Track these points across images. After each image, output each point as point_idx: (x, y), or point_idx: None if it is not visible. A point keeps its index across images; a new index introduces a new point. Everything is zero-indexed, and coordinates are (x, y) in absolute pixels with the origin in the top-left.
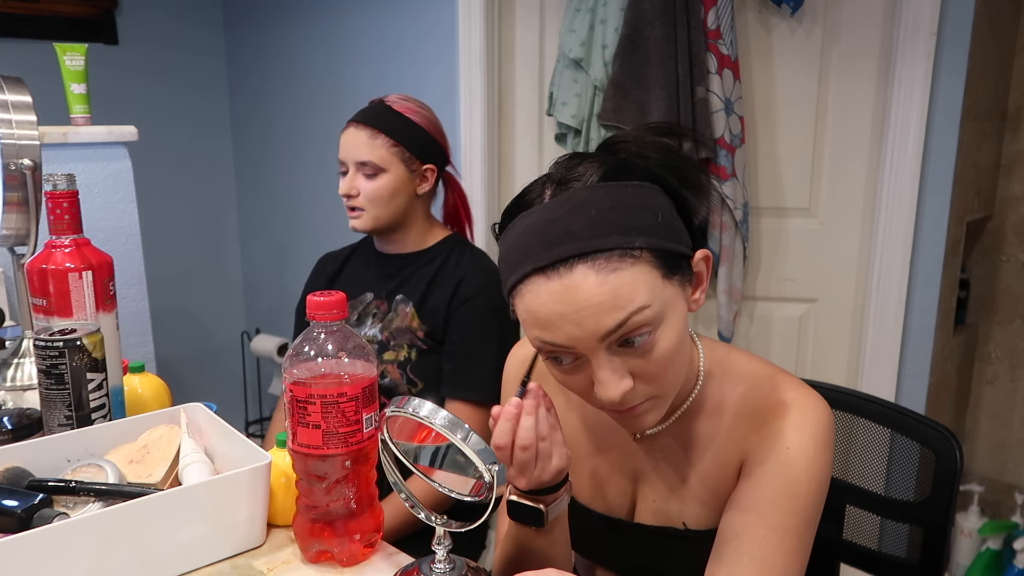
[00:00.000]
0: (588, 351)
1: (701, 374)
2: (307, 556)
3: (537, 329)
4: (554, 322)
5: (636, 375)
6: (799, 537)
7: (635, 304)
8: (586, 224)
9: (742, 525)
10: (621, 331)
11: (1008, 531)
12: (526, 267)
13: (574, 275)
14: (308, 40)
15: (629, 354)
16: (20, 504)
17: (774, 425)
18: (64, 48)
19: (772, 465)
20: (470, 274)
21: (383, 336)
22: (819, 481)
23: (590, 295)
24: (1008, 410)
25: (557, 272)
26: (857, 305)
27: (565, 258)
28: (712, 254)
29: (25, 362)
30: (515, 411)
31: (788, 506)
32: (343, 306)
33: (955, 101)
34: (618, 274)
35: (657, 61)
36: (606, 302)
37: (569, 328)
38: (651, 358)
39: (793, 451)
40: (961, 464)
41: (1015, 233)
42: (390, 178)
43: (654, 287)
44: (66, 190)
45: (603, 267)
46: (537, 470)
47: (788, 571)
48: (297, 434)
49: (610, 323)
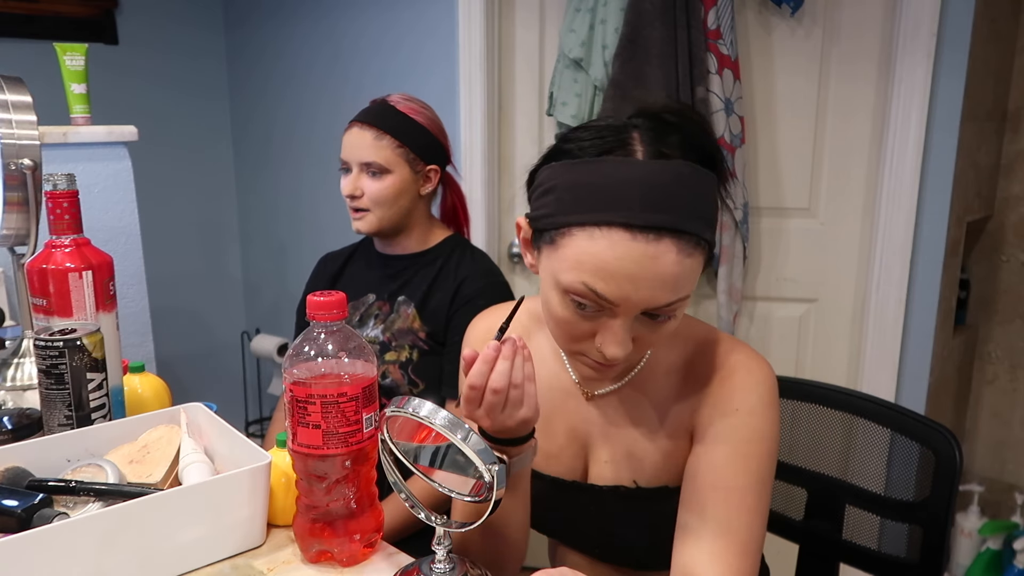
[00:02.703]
0: (623, 312)
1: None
2: (307, 556)
3: (592, 276)
4: (618, 279)
5: (635, 340)
6: (757, 494)
7: (686, 292)
8: (685, 202)
9: (702, 490)
10: (663, 309)
11: (1008, 531)
12: (616, 216)
13: (660, 246)
14: (308, 40)
15: (643, 324)
16: (20, 504)
17: (722, 389)
18: (64, 48)
19: (724, 429)
20: (471, 275)
21: (385, 337)
22: (770, 439)
23: (664, 269)
24: (1008, 410)
25: (646, 236)
26: (857, 305)
27: (660, 227)
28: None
29: (25, 362)
30: (493, 354)
31: (743, 466)
32: (343, 306)
33: (955, 101)
34: (691, 260)
35: (657, 61)
36: (670, 282)
37: (628, 289)
38: (656, 333)
39: (742, 413)
40: (961, 464)
41: (1015, 233)
42: (395, 179)
43: (697, 279)
44: (66, 190)
45: (683, 249)
46: (504, 415)
47: (751, 528)
48: (297, 434)
49: (662, 300)
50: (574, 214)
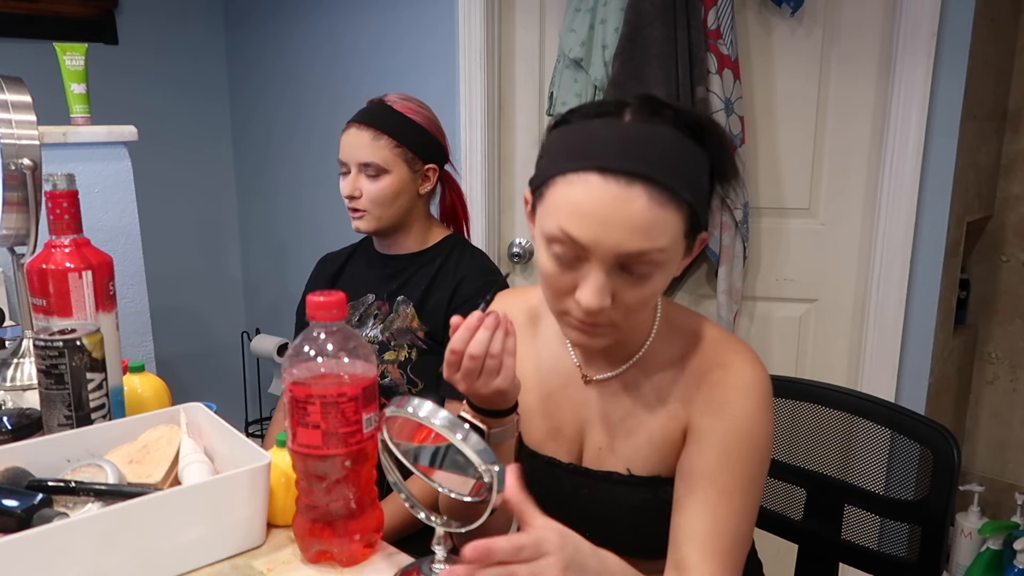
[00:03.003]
0: (597, 259)
1: (655, 329)
2: (307, 556)
3: (567, 218)
4: (589, 220)
5: (615, 300)
6: (746, 495)
7: (659, 243)
8: (660, 157)
9: (693, 491)
10: (635, 259)
11: (1008, 531)
12: (591, 161)
13: (631, 190)
14: (308, 40)
15: (621, 280)
16: (20, 504)
17: (717, 389)
18: (64, 48)
19: (717, 431)
20: (470, 275)
21: (384, 337)
22: (762, 440)
23: (635, 214)
24: (1008, 410)
25: (618, 180)
26: (857, 305)
27: (632, 172)
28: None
29: (25, 362)
30: (475, 323)
31: (733, 469)
32: (343, 306)
33: (955, 101)
34: (663, 210)
35: (657, 61)
36: (641, 228)
37: (598, 231)
38: (635, 292)
39: (737, 416)
40: (959, 463)
41: (1015, 233)
42: (393, 179)
43: (676, 237)
44: (66, 190)
45: (656, 198)
46: (480, 382)
47: (739, 529)
48: (297, 434)
49: (633, 247)
50: (559, 165)
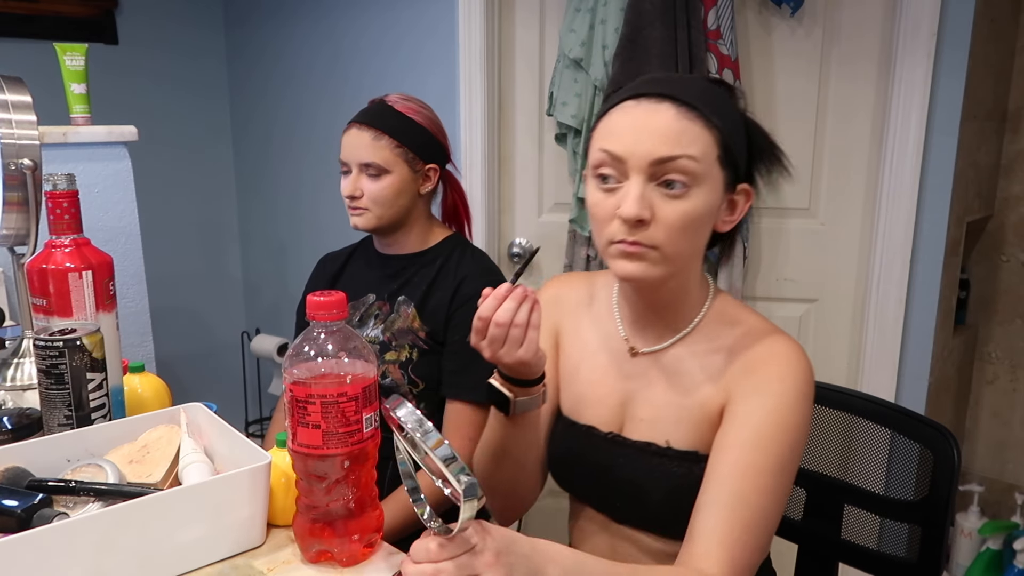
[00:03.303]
0: (633, 169)
1: (704, 310)
2: (307, 556)
3: (605, 139)
4: (621, 134)
5: (655, 217)
6: (775, 477)
7: (689, 151)
8: (688, 89)
9: (723, 464)
10: (668, 165)
11: (1008, 531)
12: (625, 94)
13: (659, 106)
14: (309, 40)
15: (660, 195)
16: (20, 504)
17: (760, 373)
18: (64, 48)
19: (754, 410)
20: (471, 275)
21: (385, 337)
22: (796, 428)
23: (661, 123)
24: (1008, 410)
25: (648, 100)
26: (857, 305)
27: (661, 93)
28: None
29: (25, 362)
30: (504, 293)
31: (766, 448)
32: (343, 306)
33: (955, 101)
34: (691, 123)
35: (657, 61)
36: (670, 136)
37: (630, 141)
38: (674, 207)
39: (775, 399)
40: (959, 463)
41: (1015, 233)
42: (394, 179)
43: (708, 154)
44: (66, 190)
45: (683, 114)
46: (503, 351)
47: (764, 508)
48: (297, 434)
49: (663, 152)
50: (600, 112)
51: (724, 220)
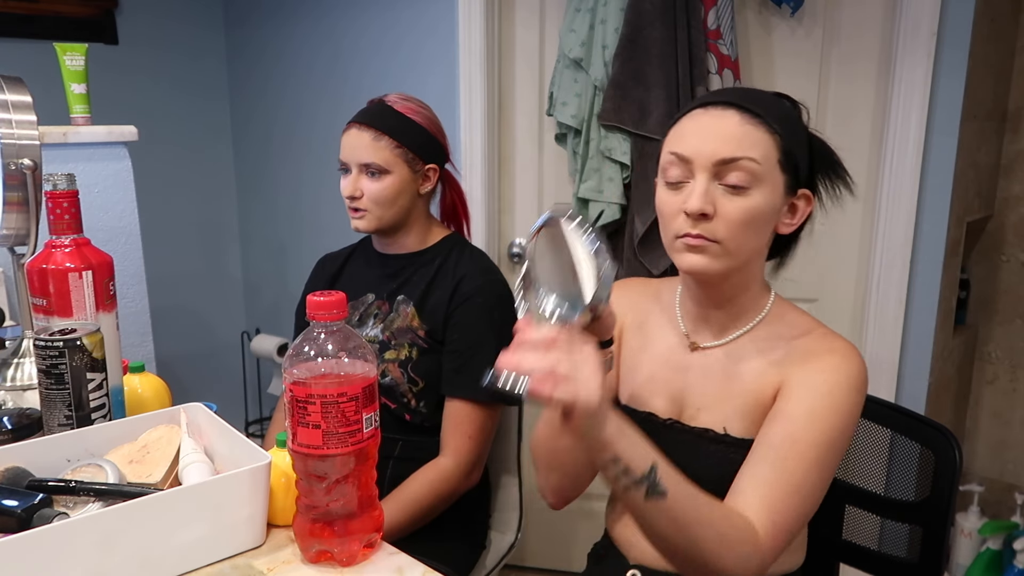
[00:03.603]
0: (698, 168)
1: (764, 312)
2: (307, 556)
3: (673, 143)
4: (688, 136)
5: (717, 212)
6: (820, 452)
7: (751, 153)
8: (752, 97)
9: (773, 434)
10: (730, 165)
11: (1008, 531)
12: (695, 104)
13: (725, 112)
14: (309, 40)
15: (723, 193)
16: (20, 504)
17: (816, 363)
18: (64, 48)
19: (806, 389)
20: (469, 274)
21: (384, 336)
22: (847, 413)
23: (726, 127)
24: (1008, 410)
25: (715, 107)
26: (857, 305)
27: (726, 101)
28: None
29: (25, 362)
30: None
31: (814, 424)
32: (343, 306)
33: (955, 101)
34: (753, 128)
35: (657, 61)
36: (733, 138)
37: (696, 142)
38: (736, 204)
39: (829, 384)
40: (960, 464)
41: (1015, 233)
42: (394, 179)
43: (769, 157)
44: (66, 190)
45: (746, 119)
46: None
47: (806, 479)
48: (297, 434)
49: (726, 153)
50: (671, 122)
51: (785, 222)
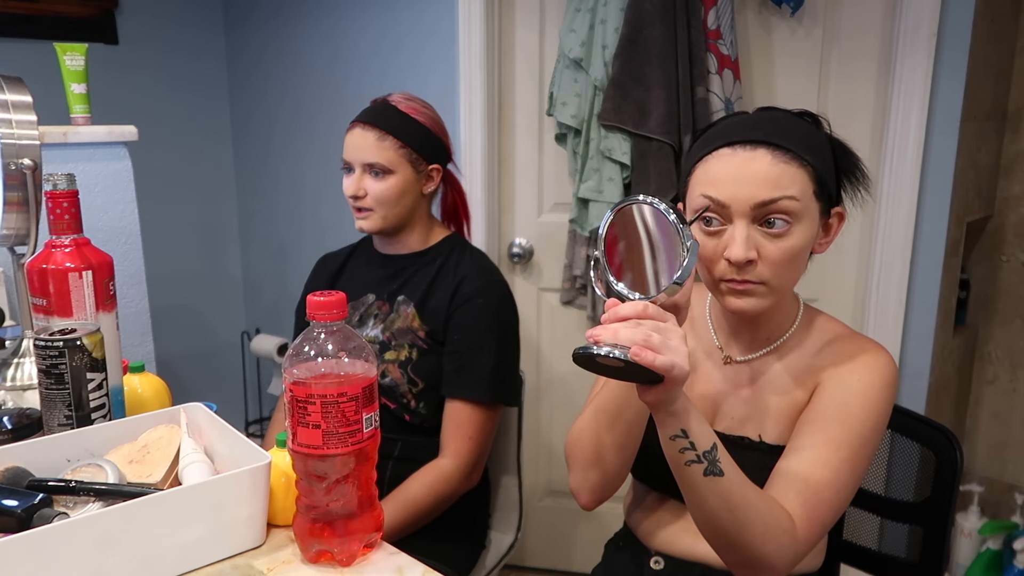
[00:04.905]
0: (737, 214)
1: (796, 323)
2: (307, 556)
3: (707, 187)
4: (724, 181)
5: (761, 256)
6: (852, 451)
7: (788, 192)
8: (778, 130)
9: (807, 433)
10: (769, 207)
11: (1008, 531)
12: (720, 140)
13: (755, 153)
14: (309, 41)
15: (764, 235)
16: (20, 504)
17: (849, 364)
18: (64, 48)
19: (840, 389)
20: (470, 274)
21: (384, 336)
22: (880, 412)
23: (760, 169)
24: (1008, 410)
25: (744, 147)
26: (857, 305)
27: (755, 139)
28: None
29: (25, 362)
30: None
31: (848, 422)
32: (343, 306)
33: (955, 102)
34: (787, 166)
35: (657, 61)
36: (769, 180)
37: (732, 188)
38: (778, 246)
39: (862, 382)
40: (961, 464)
41: (1015, 233)
42: (398, 179)
43: (805, 192)
44: (66, 190)
45: (778, 158)
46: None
47: (840, 474)
48: (297, 434)
49: (764, 196)
50: (695, 156)
51: (821, 243)
